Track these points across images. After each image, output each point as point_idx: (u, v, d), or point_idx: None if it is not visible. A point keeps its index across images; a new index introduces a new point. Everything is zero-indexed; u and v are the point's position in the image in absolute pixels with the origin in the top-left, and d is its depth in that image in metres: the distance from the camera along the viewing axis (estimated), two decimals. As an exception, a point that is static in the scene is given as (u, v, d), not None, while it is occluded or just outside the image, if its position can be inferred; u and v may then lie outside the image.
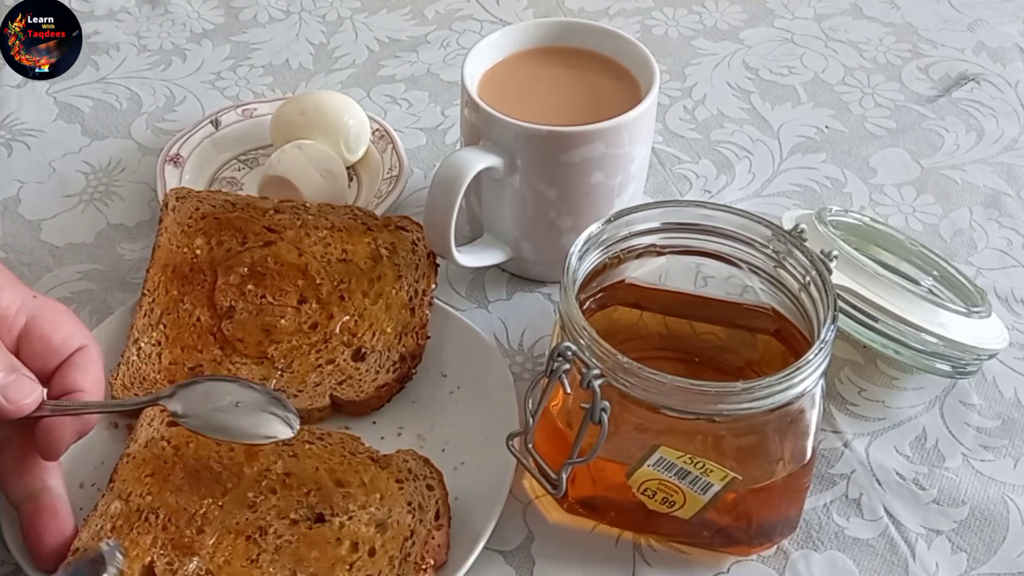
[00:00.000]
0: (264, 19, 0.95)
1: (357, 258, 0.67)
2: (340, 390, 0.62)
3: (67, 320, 0.57)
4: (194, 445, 0.58)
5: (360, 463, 0.58)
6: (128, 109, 0.85)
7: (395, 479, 0.57)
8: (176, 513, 0.55)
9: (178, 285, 0.66)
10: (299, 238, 0.67)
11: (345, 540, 0.55)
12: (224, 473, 0.57)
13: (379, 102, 0.86)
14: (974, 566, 0.57)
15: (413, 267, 0.66)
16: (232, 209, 0.69)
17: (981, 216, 0.77)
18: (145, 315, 0.65)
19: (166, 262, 0.66)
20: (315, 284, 0.66)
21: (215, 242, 0.67)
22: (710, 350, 0.62)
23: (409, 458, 0.58)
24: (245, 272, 0.66)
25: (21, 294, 0.56)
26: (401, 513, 0.55)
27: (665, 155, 0.82)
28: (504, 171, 0.65)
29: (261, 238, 0.67)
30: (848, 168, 0.81)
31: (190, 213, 0.68)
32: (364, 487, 0.57)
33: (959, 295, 0.66)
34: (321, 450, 0.58)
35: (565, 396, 0.54)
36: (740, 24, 0.95)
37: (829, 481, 0.61)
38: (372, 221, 0.68)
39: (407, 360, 0.63)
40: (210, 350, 0.64)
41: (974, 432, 0.64)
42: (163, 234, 0.67)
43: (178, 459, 0.57)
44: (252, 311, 0.65)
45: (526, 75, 0.70)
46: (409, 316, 0.64)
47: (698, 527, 0.55)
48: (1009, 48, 0.93)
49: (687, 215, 0.58)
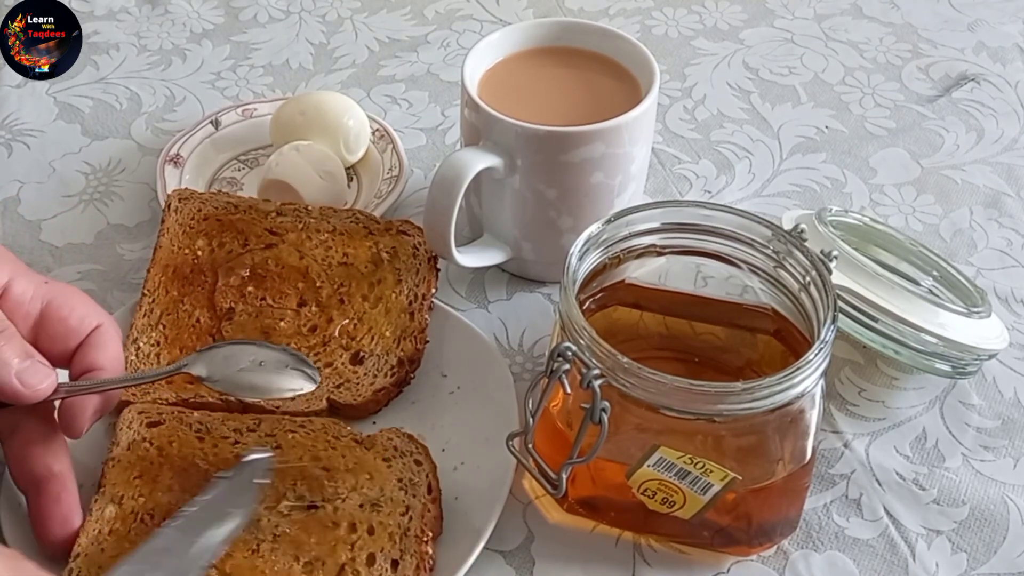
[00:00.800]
0: (264, 19, 0.95)
1: (358, 262, 0.67)
2: (337, 393, 0.62)
3: (82, 301, 0.58)
4: (177, 444, 0.58)
5: (344, 446, 0.58)
6: (128, 109, 0.85)
7: (382, 458, 0.57)
8: (171, 512, 0.55)
9: (178, 286, 0.66)
10: (300, 241, 0.67)
11: (342, 522, 0.55)
12: (211, 470, 0.57)
13: (379, 102, 0.86)
14: (974, 566, 0.57)
15: (414, 271, 0.66)
16: (234, 211, 0.69)
17: (981, 216, 0.77)
18: (144, 315, 0.64)
19: (167, 263, 0.66)
20: (315, 287, 0.66)
21: (216, 244, 0.67)
22: (710, 350, 0.62)
23: (393, 436, 0.58)
24: (246, 274, 0.66)
25: (34, 281, 0.57)
26: (393, 490, 0.56)
27: (665, 155, 0.82)
28: (504, 171, 0.65)
29: (262, 240, 0.67)
30: (848, 168, 0.81)
31: (192, 214, 0.68)
32: (351, 470, 0.57)
33: (959, 295, 0.66)
34: (304, 438, 0.58)
35: (565, 396, 0.54)
36: (740, 24, 0.95)
37: (829, 481, 0.61)
38: (374, 225, 0.68)
39: (405, 365, 0.63)
40: None
41: (974, 432, 0.64)
42: (164, 234, 0.67)
43: (163, 459, 0.58)
44: (252, 313, 0.65)
45: (526, 75, 0.70)
46: (408, 320, 0.64)
47: (698, 527, 0.55)
48: (1009, 48, 0.93)
49: (687, 215, 0.58)
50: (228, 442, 0.58)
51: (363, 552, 0.54)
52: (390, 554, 0.54)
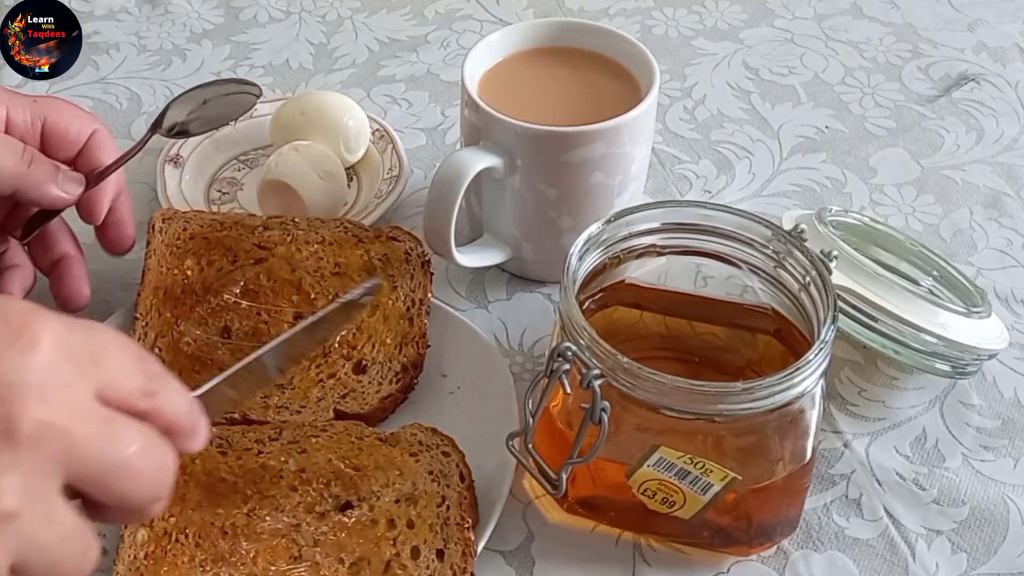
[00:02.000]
0: (264, 19, 0.95)
1: (350, 271, 0.66)
2: (344, 403, 0.61)
3: (74, 113, 0.64)
4: (200, 461, 0.57)
5: (370, 445, 0.58)
6: (128, 109, 0.85)
7: (408, 453, 0.57)
8: (204, 529, 0.55)
9: (171, 307, 0.65)
10: (290, 253, 0.67)
11: (380, 519, 0.55)
12: (239, 482, 0.56)
13: (379, 102, 0.86)
14: (974, 566, 0.57)
15: (408, 277, 0.66)
16: (220, 228, 0.68)
17: (981, 216, 0.77)
18: (139, 339, 0.63)
19: (157, 284, 0.66)
20: (310, 299, 0.65)
21: (205, 262, 0.66)
22: (710, 350, 0.62)
23: (417, 431, 0.58)
24: (238, 291, 0.65)
25: (27, 104, 0.63)
26: (426, 483, 0.56)
27: (665, 155, 0.82)
28: (504, 171, 0.65)
29: (252, 256, 0.67)
30: (848, 168, 0.81)
31: (178, 234, 0.68)
32: (381, 468, 0.57)
33: (959, 295, 0.66)
34: (328, 441, 0.58)
35: (565, 396, 0.54)
36: (740, 24, 0.95)
37: (829, 481, 0.61)
38: (363, 233, 0.68)
39: (409, 370, 0.63)
40: (209, 371, 0.62)
41: (974, 432, 0.64)
42: (152, 256, 0.67)
43: (188, 478, 0.57)
44: (248, 331, 0.64)
45: (526, 75, 0.70)
46: (408, 326, 0.64)
47: (698, 527, 0.55)
48: (1009, 48, 0.93)
49: (687, 215, 0.58)
50: (252, 453, 0.58)
51: (406, 546, 0.54)
52: (433, 545, 0.54)
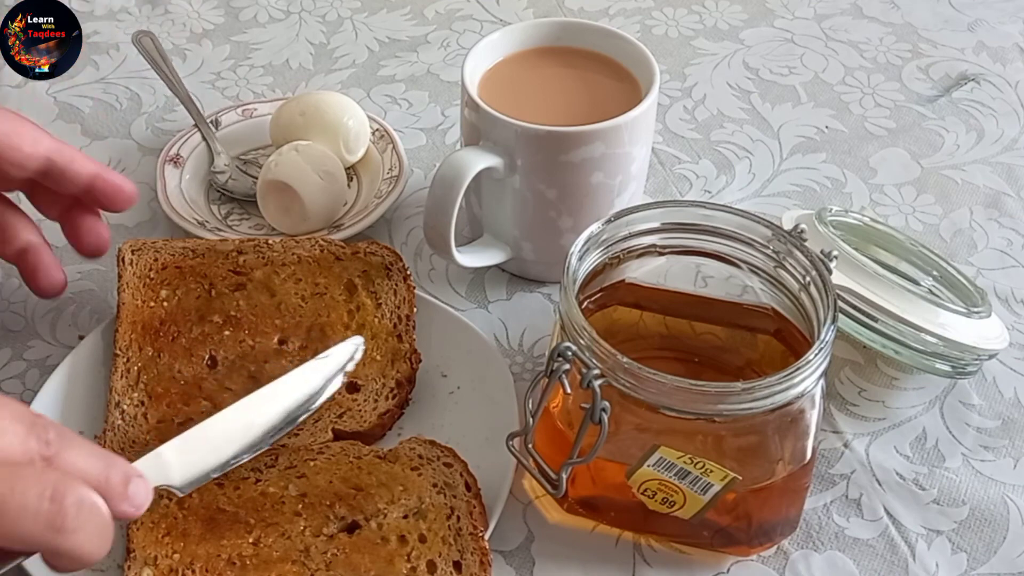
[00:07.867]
0: (264, 19, 0.95)
1: (331, 290, 0.65)
2: (342, 423, 0.61)
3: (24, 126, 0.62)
4: (197, 495, 0.56)
5: (369, 464, 0.58)
6: (128, 109, 0.85)
7: (410, 468, 0.57)
8: (211, 561, 0.54)
9: (151, 341, 0.63)
10: (268, 277, 0.65)
11: (390, 536, 0.55)
12: (240, 512, 0.56)
13: (379, 102, 0.86)
14: (974, 566, 0.57)
15: (392, 293, 0.65)
16: (192, 256, 0.66)
17: (981, 216, 0.77)
18: (122, 376, 0.62)
19: (134, 319, 0.64)
20: (294, 322, 0.64)
21: (181, 292, 0.65)
22: (710, 350, 0.62)
23: (415, 444, 0.58)
24: (219, 320, 0.64)
25: None
26: (432, 496, 0.56)
27: (665, 155, 0.82)
28: (504, 171, 0.65)
29: (229, 282, 0.65)
30: (848, 168, 0.81)
31: (149, 265, 0.66)
32: (384, 485, 0.57)
33: (959, 295, 0.66)
34: (326, 463, 0.58)
35: (565, 396, 0.54)
36: (740, 24, 0.95)
37: (829, 481, 0.61)
38: (340, 251, 0.66)
39: (404, 385, 0.62)
40: (198, 403, 0.61)
41: (974, 432, 0.64)
42: (125, 290, 0.65)
43: (187, 512, 0.56)
44: (234, 360, 0.63)
45: (526, 75, 0.70)
46: (397, 343, 0.63)
47: (698, 527, 0.55)
48: (1009, 48, 0.93)
49: (687, 215, 0.58)
50: (249, 482, 0.57)
51: (422, 561, 0.54)
52: (450, 557, 0.54)
